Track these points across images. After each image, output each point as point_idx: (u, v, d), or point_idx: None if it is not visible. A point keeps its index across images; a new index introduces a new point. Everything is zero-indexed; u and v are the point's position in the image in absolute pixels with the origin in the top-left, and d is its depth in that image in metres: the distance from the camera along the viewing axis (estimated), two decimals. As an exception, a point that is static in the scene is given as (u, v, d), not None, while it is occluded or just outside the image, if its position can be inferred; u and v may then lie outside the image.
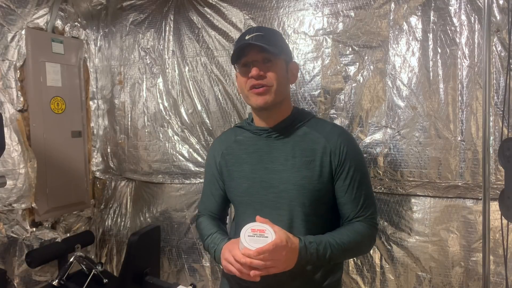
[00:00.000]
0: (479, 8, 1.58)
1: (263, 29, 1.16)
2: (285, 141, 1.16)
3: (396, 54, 1.77)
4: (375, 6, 1.79)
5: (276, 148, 1.16)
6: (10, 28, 2.16)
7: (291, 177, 1.12)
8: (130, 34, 2.50)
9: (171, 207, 2.42)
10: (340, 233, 1.09)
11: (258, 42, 1.09)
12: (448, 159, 1.68)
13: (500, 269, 1.60)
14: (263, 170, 1.16)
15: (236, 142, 1.25)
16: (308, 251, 1.00)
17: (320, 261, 1.03)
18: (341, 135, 1.15)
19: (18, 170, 2.16)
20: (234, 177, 1.21)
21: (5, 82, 2.15)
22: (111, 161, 2.64)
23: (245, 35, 1.15)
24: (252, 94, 1.13)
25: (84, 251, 2.39)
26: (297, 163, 1.12)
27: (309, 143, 1.14)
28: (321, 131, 1.16)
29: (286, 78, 1.17)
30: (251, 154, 1.19)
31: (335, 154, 1.11)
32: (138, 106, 2.50)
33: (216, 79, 2.22)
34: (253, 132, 1.21)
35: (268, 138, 1.18)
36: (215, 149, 1.30)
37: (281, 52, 1.14)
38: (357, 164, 1.13)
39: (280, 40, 1.19)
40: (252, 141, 1.21)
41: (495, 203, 1.45)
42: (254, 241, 0.94)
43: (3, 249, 2.14)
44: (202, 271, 2.35)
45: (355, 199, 1.12)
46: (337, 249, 1.05)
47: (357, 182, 1.12)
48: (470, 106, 1.63)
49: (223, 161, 1.25)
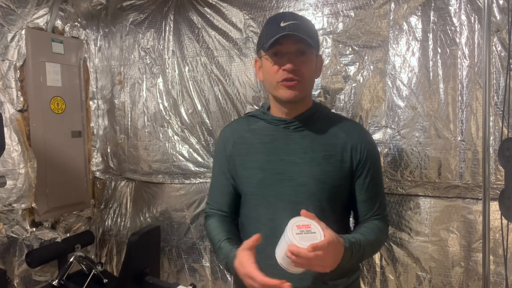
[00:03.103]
0: (479, 8, 1.58)
1: (298, 17, 1.08)
2: (304, 133, 1.12)
3: (396, 54, 1.77)
4: (375, 6, 1.79)
5: (294, 140, 1.12)
6: (10, 28, 2.16)
7: (311, 171, 1.08)
8: (130, 34, 2.50)
9: (171, 207, 2.42)
10: (366, 232, 1.07)
11: (297, 32, 1.02)
12: (448, 159, 1.68)
13: (500, 269, 1.60)
14: (279, 161, 1.11)
15: (249, 131, 1.19)
16: (354, 252, 0.98)
17: (356, 260, 1.02)
18: (362, 133, 1.14)
19: (18, 170, 2.16)
20: (247, 167, 1.15)
21: (5, 82, 2.15)
22: (111, 161, 2.64)
23: (279, 20, 1.06)
24: (282, 86, 1.07)
25: (84, 251, 2.39)
26: (316, 157, 1.08)
27: (329, 137, 1.11)
28: (341, 127, 1.13)
29: (314, 73, 1.13)
30: (266, 144, 1.14)
31: (356, 151, 1.09)
32: (138, 106, 2.50)
33: (216, 79, 2.22)
34: (269, 121, 1.16)
35: (285, 129, 1.13)
36: (226, 138, 1.23)
37: (316, 46, 1.09)
38: (377, 164, 1.14)
39: (315, 31, 1.13)
40: (267, 130, 1.16)
41: (495, 203, 1.45)
42: (304, 239, 0.87)
43: (3, 249, 2.14)
44: (202, 271, 2.35)
45: (374, 198, 1.12)
46: (368, 248, 1.04)
47: (376, 181, 1.12)
48: (470, 106, 1.63)
49: (235, 150, 1.19)
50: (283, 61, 1.05)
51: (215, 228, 1.19)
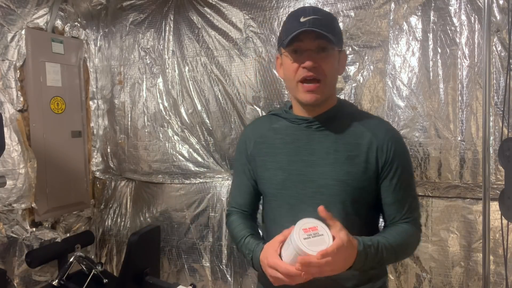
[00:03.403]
0: (479, 8, 1.58)
1: (319, 12, 1.02)
2: (326, 133, 1.07)
3: (396, 54, 1.77)
4: (375, 6, 1.79)
5: (316, 140, 1.07)
6: (10, 28, 2.16)
7: (333, 172, 1.03)
8: (130, 34, 2.49)
9: (171, 207, 2.42)
10: (391, 235, 1.01)
11: (317, 28, 0.97)
12: (448, 159, 1.68)
13: (500, 269, 1.60)
14: (301, 162, 1.06)
15: (271, 130, 1.15)
16: (368, 256, 0.92)
17: (374, 264, 0.96)
18: (389, 132, 1.06)
19: (18, 170, 2.16)
20: (268, 168, 1.12)
21: (5, 82, 2.15)
22: (111, 161, 2.64)
23: (299, 15, 1.00)
24: (302, 89, 1.02)
25: (84, 251, 2.39)
26: (340, 157, 1.03)
27: (354, 137, 1.05)
28: (367, 125, 1.06)
29: (337, 70, 1.06)
30: (287, 145, 1.10)
31: (382, 151, 1.02)
32: (138, 106, 2.50)
33: (216, 79, 2.22)
34: (291, 120, 1.12)
35: (307, 129, 1.08)
36: (247, 137, 1.20)
37: (338, 42, 1.02)
38: (405, 164, 1.06)
39: (337, 26, 1.06)
40: (289, 130, 1.11)
41: (495, 203, 1.45)
42: (313, 244, 0.84)
43: (3, 249, 2.14)
44: (202, 271, 2.35)
45: (402, 200, 1.05)
46: (390, 252, 0.97)
47: (404, 182, 1.04)
48: (470, 106, 1.63)
49: (256, 150, 1.16)
50: (303, 58, 0.99)
51: (238, 224, 1.16)
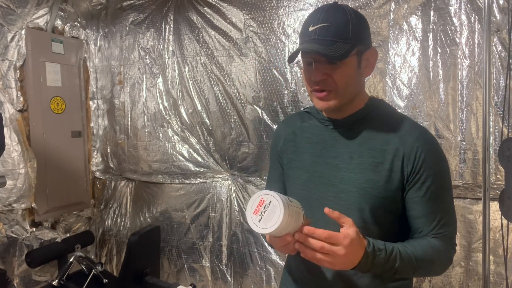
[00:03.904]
0: (479, 8, 1.58)
1: (331, 16, 0.94)
2: (353, 136, 1.01)
3: (396, 54, 1.77)
4: (375, 6, 1.79)
5: (341, 142, 1.02)
6: (10, 28, 2.16)
7: (354, 178, 0.98)
8: (130, 34, 2.49)
9: (171, 207, 2.42)
10: (413, 246, 0.92)
11: (322, 37, 0.92)
12: (448, 159, 1.67)
13: (500, 269, 1.60)
14: (324, 164, 1.03)
15: (300, 129, 1.12)
16: (376, 259, 0.85)
17: (384, 272, 0.89)
18: (420, 138, 0.96)
19: (18, 170, 2.16)
20: (293, 167, 1.10)
21: (5, 82, 2.15)
22: (111, 161, 2.64)
23: (309, 23, 0.96)
24: (315, 96, 0.99)
25: (84, 251, 2.39)
26: (363, 163, 0.97)
27: (380, 142, 0.98)
28: (396, 130, 0.98)
29: (358, 74, 0.98)
30: (314, 145, 1.07)
31: (409, 160, 0.94)
32: (138, 106, 2.50)
33: (216, 79, 2.22)
34: (320, 121, 1.08)
35: (334, 130, 1.04)
36: (279, 133, 1.19)
37: (351, 49, 0.93)
38: (436, 174, 0.95)
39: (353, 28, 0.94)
40: (317, 130, 1.08)
41: (495, 203, 1.45)
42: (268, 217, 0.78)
43: (3, 249, 2.14)
44: (202, 271, 2.35)
45: (431, 214, 0.95)
46: (407, 263, 0.89)
47: (434, 194, 0.94)
48: (470, 106, 1.63)
49: (285, 147, 1.14)
50: (312, 70, 0.96)
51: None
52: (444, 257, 0.96)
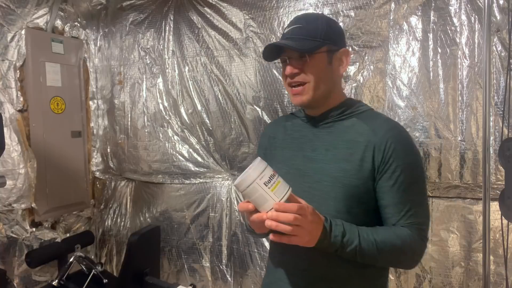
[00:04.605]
0: (479, 8, 1.58)
1: (303, 19, 1.08)
2: (330, 130, 1.10)
3: (396, 54, 1.77)
4: (375, 6, 1.79)
5: (319, 137, 1.11)
6: (10, 28, 2.16)
7: (328, 168, 1.04)
8: (130, 34, 2.49)
9: (171, 207, 2.42)
10: (375, 229, 0.97)
11: (294, 35, 1.04)
12: (448, 159, 1.68)
13: (500, 269, 1.60)
14: (302, 157, 1.11)
15: (283, 127, 1.23)
16: (333, 232, 0.90)
17: (345, 250, 0.92)
18: (391, 130, 1.02)
19: (18, 170, 2.16)
20: (275, 161, 1.15)
21: (5, 82, 2.15)
22: (111, 161, 2.64)
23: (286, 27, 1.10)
24: (291, 92, 1.09)
25: (84, 251, 2.39)
26: (337, 154, 1.05)
27: (354, 134, 1.05)
28: (370, 124, 1.05)
29: (328, 71, 1.07)
30: (294, 140, 1.16)
31: (380, 150, 0.99)
32: (138, 106, 2.50)
33: (216, 79, 2.22)
34: (301, 119, 1.19)
35: (313, 127, 1.14)
36: (265, 133, 1.30)
37: (319, 45, 1.03)
38: (407, 165, 0.99)
39: (322, 29, 1.06)
40: (298, 127, 1.18)
41: (495, 203, 1.45)
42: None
43: (3, 249, 2.14)
44: (202, 271, 2.35)
45: (400, 204, 0.99)
46: (367, 244, 0.93)
47: (403, 185, 0.98)
48: (470, 106, 1.63)
49: (269, 144, 1.24)
50: (286, 67, 1.07)
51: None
52: (411, 246, 0.98)
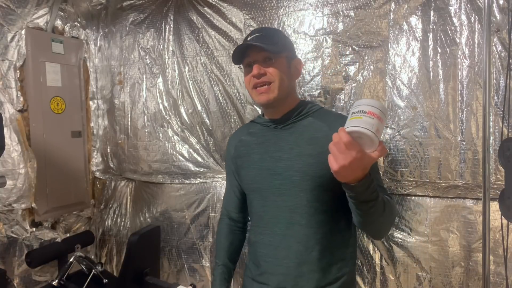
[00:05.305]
0: (479, 8, 1.58)
1: (264, 29, 1.23)
2: (290, 131, 1.22)
3: (396, 54, 1.77)
4: (375, 6, 1.79)
5: (282, 138, 1.23)
6: (10, 28, 2.16)
7: (295, 164, 1.17)
8: (130, 34, 2.49)
9: (171, 207, 2.42)
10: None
11: (258, 42, 1.16)
12: (448, 159, 1.68)
13: (500, 269, 1.60)
14: (270, 159, 1.22)
15: (248, 134, 1.34)
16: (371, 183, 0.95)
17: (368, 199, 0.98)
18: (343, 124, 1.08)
19: (18, 170, 2.16)
20: (244, 166, 1.29)
21: (5, 82, 2.15)
22: (111, 161, 2.64)
23: (247, 37, 1.22)
24: (255, 92, 1.20)
25: (84, 251, 2.39)
26: (301, 151, 1.17)
27: (313, 131, 1.19)
28: (325, 120, 1.20)
29: (288, 74, 1.22)
30: (260, 145, 1.27)
31: None
32: (138, 106, 2.50)
33: (216, 79, 2.22)
34: (263, 124, 1.30)
35: (275, 129, 1.26)
36: (230, 143, 1.40)
37: (281, 50, 1.19)
38: None
39: (281, 38, 1.23)
40: (261, 132, 1.29)
41: (495, 203, 1.45)
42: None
43: (3, 249, 2.14)
44: (202, 271, 2.35)
45: None
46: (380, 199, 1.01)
47: None
48: (470, 106, 1.63)
49: (236, 153, 1.34)
50: (252, 70, 1.19)
51: (220, 240, 1.42)
52: (394, 207, 1.11)
